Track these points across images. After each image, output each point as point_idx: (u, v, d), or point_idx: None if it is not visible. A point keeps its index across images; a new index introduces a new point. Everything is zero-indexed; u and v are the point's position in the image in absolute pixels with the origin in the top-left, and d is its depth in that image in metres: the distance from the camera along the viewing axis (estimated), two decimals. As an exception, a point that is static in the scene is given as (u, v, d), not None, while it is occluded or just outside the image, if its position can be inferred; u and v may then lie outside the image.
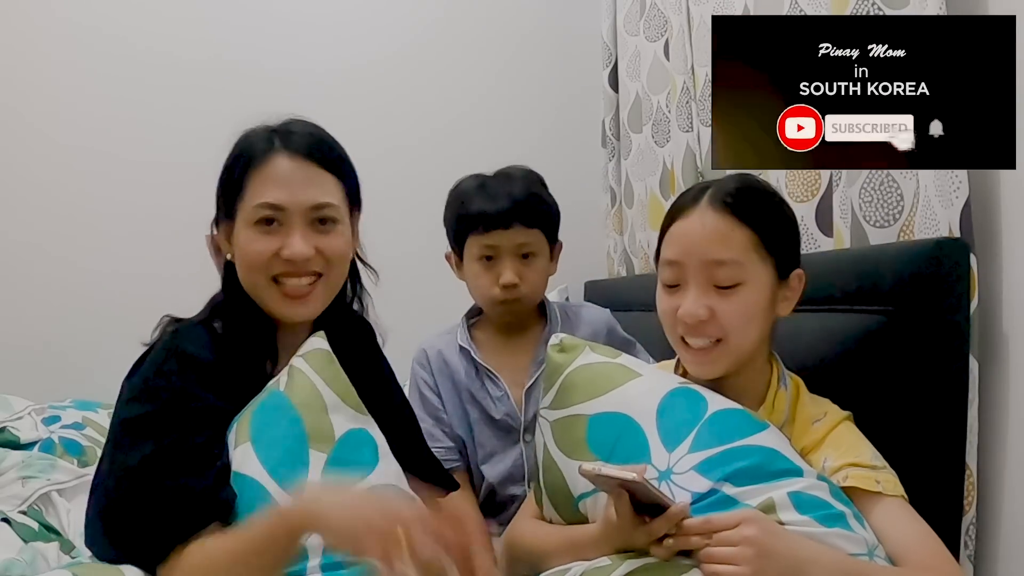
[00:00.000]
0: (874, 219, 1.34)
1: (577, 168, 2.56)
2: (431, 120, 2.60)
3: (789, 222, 1.14)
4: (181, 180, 2.42)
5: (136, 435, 1.05)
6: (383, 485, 1.10)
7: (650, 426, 1.05)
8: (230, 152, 1.21)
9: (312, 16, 2.56)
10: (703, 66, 1.91)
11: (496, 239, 1.57)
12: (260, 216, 1.16)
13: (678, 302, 1.10)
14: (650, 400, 1.08)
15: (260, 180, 1.17)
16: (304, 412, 1.09)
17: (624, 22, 2.37)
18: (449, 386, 1.65)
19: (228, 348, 1.15)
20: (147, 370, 1.11)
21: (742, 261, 1.07)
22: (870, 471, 1.02)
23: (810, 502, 0.96)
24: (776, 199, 1.15)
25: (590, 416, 1.10)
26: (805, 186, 1.55)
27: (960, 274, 1.14)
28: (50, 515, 1.56)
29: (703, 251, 1.08)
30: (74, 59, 2.45)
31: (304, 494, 0.99)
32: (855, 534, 0.95)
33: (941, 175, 1.18)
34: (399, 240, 2.41)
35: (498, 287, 1.58)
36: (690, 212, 1.11)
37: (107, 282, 2.38)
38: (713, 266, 1.07)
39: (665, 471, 1.01)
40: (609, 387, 1.11)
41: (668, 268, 1.12)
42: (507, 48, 2.65)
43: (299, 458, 1.06)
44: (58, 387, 2.20)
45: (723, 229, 1.08)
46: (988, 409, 1.19)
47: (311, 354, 1.16)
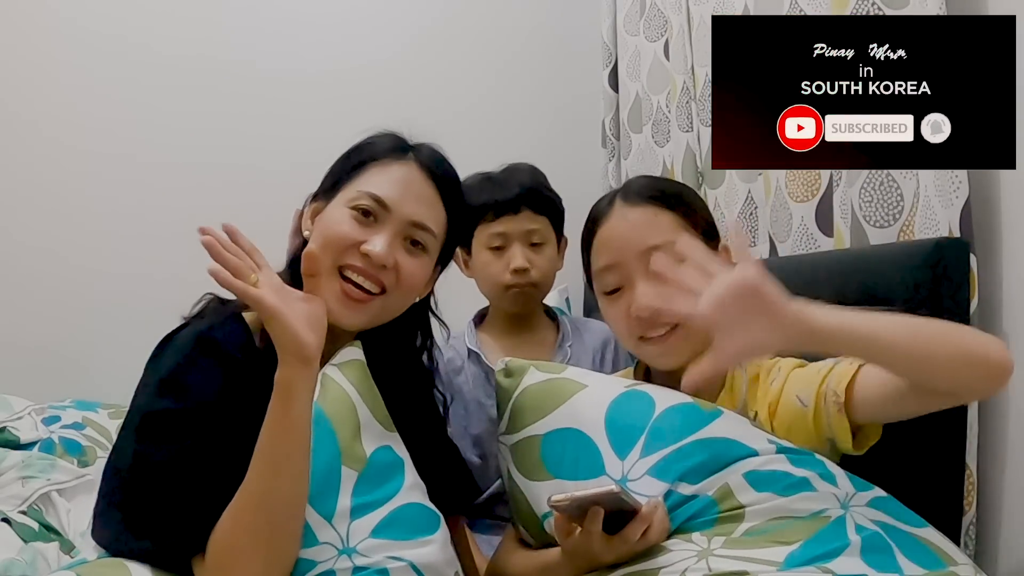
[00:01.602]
0: (874, 219, 1.34)
1: (577, 168, 2.55)
2: (430, 120, 2.55)
3: (701, 200, 1.22)
4: (182, 180, 2.43)
5: (163, 430, 1.01)
6: (411, 504, 1.09)
7: (600, 436, 1.06)
8: (361, 140, 1.21)
9: (312, 16, 2.56)
10: (703, 66, 1.91)
11: (506, 225, 1.59)
12: (361, 204, 1.12)
13: (626, 303, 1.12)
14: (597, 410, 1.09)
15: (378, 173, 1.16)
16: (338, 426, 1.08)
17: (624, 22, 2.37)
18: (457, 403, 1.63)
19: (263, 346, 1.10)
20: (176, 359, 1.06)
21: (675, 240, 1.07)
22: (834, 364, 1.01)
23: (767, 477, 0.96)
24: (683, 184, 1.24)
25: (542, 435, 1.11)
26: (805, 186, 1.55)
27: (960, 274, 1.14)
28: (50, 515, 1.56)
29: (635, 243, 1.11)
30: (75, 59, 2.45)
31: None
32: (820, 492, 0.95)
33: (941, 175, 1.18)
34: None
35: (509, 273, 1.58)
36: (608, 216, 1.15)
37: (107, 282, 2.38)
38: (649, 254, 1.09)
39: (620, 479, 1.02)
40: (557, 403, 1.12)
41: (606, 274, 1.15)
42: (507, 48, 2.65)
43: (332, 475, 1.05)
44: (58, 387, 2.19)
45: (647, 216, 1.13)
46: (988, 409, 1.19)
47: (346, 364, 1.13)
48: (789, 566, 0.88)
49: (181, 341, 1.09)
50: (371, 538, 1.03)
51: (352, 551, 1.02)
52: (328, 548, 1.02)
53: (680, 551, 0.95)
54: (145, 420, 1.03)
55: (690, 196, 1.20)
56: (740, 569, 0.89)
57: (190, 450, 1.00)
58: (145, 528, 1.00)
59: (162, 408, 1.03)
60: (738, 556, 0.91)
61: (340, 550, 1.02)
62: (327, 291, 1.10)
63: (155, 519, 1.00)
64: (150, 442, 1.02)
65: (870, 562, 0.88)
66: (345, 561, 1.01)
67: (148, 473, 1.00)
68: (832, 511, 0.93)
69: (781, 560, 0.89)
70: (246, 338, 1.11)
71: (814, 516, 0.93)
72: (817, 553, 0.89)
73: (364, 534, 1.03)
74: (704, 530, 0.96)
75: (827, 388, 1.00)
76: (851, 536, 0.90)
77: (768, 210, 1.66)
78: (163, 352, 1.09)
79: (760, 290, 0.84)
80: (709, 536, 0.95)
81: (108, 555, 1.02)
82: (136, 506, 1.01)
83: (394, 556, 1.03)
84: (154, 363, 1.09)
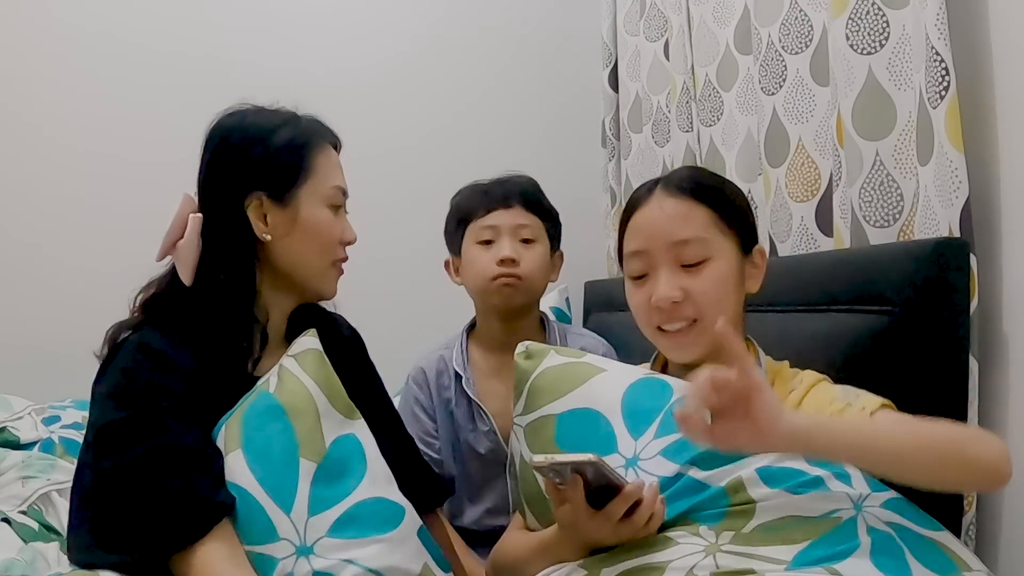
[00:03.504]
0: (874, 219, 1.33)
1: (577, 168, 2.56)
2: (430, 120, 2.59)
3: (743, 199, 1.20)
4: (182, 181, 2.41)
5: (120, 439, 1.02)
6: (371, 499, 1.08)
7: (615, 416, 1.06)
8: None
9: (313, 17, 2.56)
10: (703, 66, 1.91)
11: (496, 219, 1.58)
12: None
13: (649, 291, 1.12)
14: (614, 391, 1.09)
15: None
16: (295, 418, 1.08)
17: (624, 22, 2.37)
18: (444, 411, 1.64)
19: (202, 346, 1.13)
20: (115, 372, 1.09)
21: (706, 237, 1.11)
22: (848, 410, 1.01)
23: (780, 474, 0.96)
24: (727, 181, 1.20)
25: (558, 415, 1.11)
26: (805, 186, 1.55)
27: (960, 274, 1.14)
28: (50, 515, 1.54)
29: (667, 234, 1.11)
30: (74, 60, 2.44)
31: None
32: (833, 492, 0.94)
33: (941, 175, 1.18)
34: (398, 240, 2.42)
35: (496, 263, 1.57)
36: (647, 202, 1.15)
37: (108, 282, 2.32)
38: (679, 246, 1.10)
39: (632, 458, 1.02)
40: (575, 384, 1.12)
41: (634, 259, 1.15)
42: (506, 48, 2.65)
43: (290, 468, 1.05)
44: (58, 387, 2.17)
45: (682, 210, 1.12)
46: (988, 409, 1.19)
47: (303, 355, 1.14)
48: (797, 565, 0.88)
49: (118, 359, 1.11)
50: (328, 537, 1.03)
51: (310, 551, 1.02)
52: (286, 545, 1.02)
53: (687, 544, 0.94)
54: (101, 433, 1.05)
55: (732, 192, 1.19)
56: (747, 567, 0.89)
57: (158, 449, 1.01)
58: (117, 540, 1.01)
59: (117, 417, 1.04)
60: (746, 553, 0.91)
61: (298, 548, 1.02)
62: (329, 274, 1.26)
63: (127, 527, 1.00)
64: (112, 451, 1.03)
65: (880, 564, 0.87)
66: (304, 564, 1.01)
67: (113, 484, 1.01)
68: (844, 511, 0.92)
69: (789, 559, 0.89)
70: (179, 338, 1.13)
71: (825, 516, 0.92)
72: (826, 553, 0.88)
73: (321, 532, 1.03)
74: (712, 524, 0.96)
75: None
76: (862, 537, 0.89)
77: (768, 210, 1.66)
78: (105, 373, 1.12)
79: (751, 404, 0.83)
80: (717, 531, 0.94)
81: (79, 568, 1.02)
82: (106, 518, 1.02)
83: (351, 560, 1.03)
84: (98, 385, 1.11)
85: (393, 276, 2.37)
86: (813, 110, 1.53)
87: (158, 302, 1.20)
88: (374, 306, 1.50)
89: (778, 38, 1.58)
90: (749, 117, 1.77)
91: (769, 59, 1.61)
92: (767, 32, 1.61)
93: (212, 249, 1.18)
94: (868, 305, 1.21)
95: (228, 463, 1.05)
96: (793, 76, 1.56)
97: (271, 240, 1.19)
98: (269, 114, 1.24)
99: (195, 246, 1.18)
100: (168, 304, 1.19)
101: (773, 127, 1.62)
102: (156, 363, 1.08)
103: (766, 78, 1.62)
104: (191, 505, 0.99)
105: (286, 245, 1.20)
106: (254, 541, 1.02)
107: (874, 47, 1.32)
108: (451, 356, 1.66)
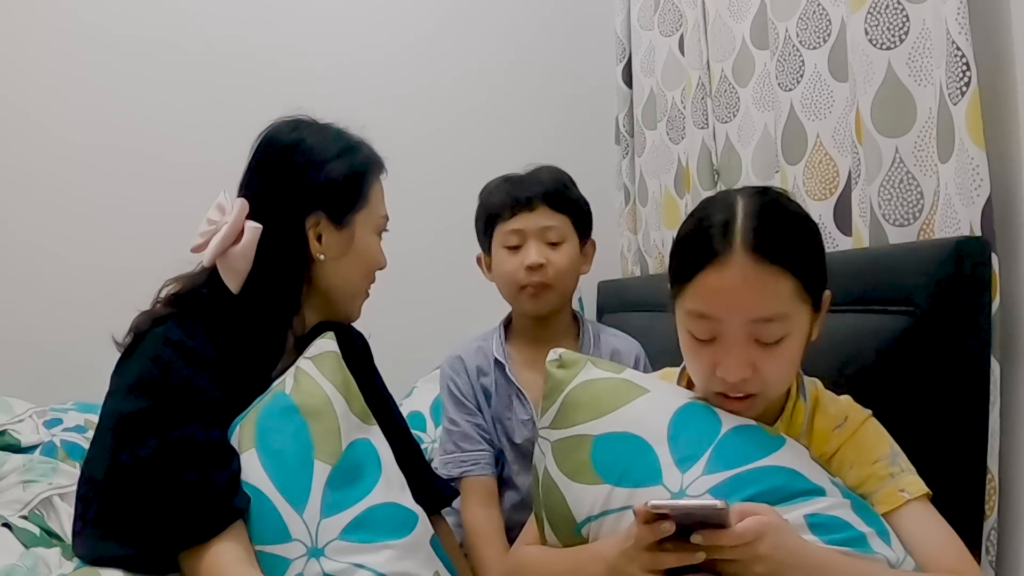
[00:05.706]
0: (893, 218, 1.31)
1: (590, 165, 2.51)
2: (442, 116, 2.58)
3: (820, 248, 1.04)
4: (186, 178, 2.40)
5: (144, 428, 1.02)
6: (385, 504, 1.08)
7: (661, 445, 1.01)
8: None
9: (323, 10, 2.55)
10: (719, 61, 1.89)
11: (521, 222, 1.58)
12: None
13: (714, 358, 1.01)
14: (660, 418, 1.03)
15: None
16: (310, 419, 1.08)
17: (638, 16, 2.35)
18: (483, 397, 1.64)
19: (230, 348, 1.13)
20: (142, 361, 1.08)
21: (788, 313, 0.98)
22: (890, 481, 1.00)
23: (828, 524, 0.93)
24: (806, 224, 1.05)
25: (595, 436, 1.05)
26: (823, 184, 1.53)
27: (981, 274, 1.12)
28: (52, 520, 1.52)
29: (747, 310, 0.97)
30: (80, 55, 2.44)
31: None
32: (876, 553, 0.93)
33: (962, 172, 1.16)
34: (413, 236, 2.40)
35: (523, 270, 1.57)
36: (724, 262, 0.97)
37: (110, 283, 2.34)
38: (758, 324, 0.98)
39: (678, 492, 0.97)
40: (616, 405, 1.06)
41: (701, 322, 1.00)
42: (519, 43, 2.63)
43: (304, 469, 1.05)
44: (60, 389, 2.16)
45: (766, 283, 0.96)
46: (1010, 411, 1.17)
47: (321, 357, 1.14)
48: None
49: (144, 346, 1.10)
50: (340, 539, 1.03)
51: (321, 553, 1.02)
52: (298, 546, 1.01)
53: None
54: (123, 423, 1.05)
55: (818, 246, 1.04)
56: None
57: (180, 442, 1.01)
58: (129, 533, 1.00)
59: (140, 407, 1.04)
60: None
61: (309, 549, 1.01)
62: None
63: (141, 519, 1.00)
64: (131, 442, 1.03)
65: None
66: (314, 566, 1.00)
67: (131, 475, 1.01)
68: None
69: None
70: (207, 333, 1.13)
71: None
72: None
73: (333, 534, 1.03)
74: None
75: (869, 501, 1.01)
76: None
77: (784, 208, 1.63)
78: (125, 363, 1.11)
79: (757, 551, 0.86)
80: None
81: (84, 565, 1.02)
82: (120, 510, 1.02)
83: (362, 564, 1.02)
84: (121, 375, 1.11)
85: (403, 273, 2.36)
86: (831, 106, 1.51)
87: (191, 299, 1.19)
88: (389, 304, 1.49)
89: (795, 32, 1.56)
90: (766, 113, 1.75)
91: (786, 54, 1.59)
92: (784, 26, 1.59)
93: (265, 260, 1.18)
94: (888, 305, 1.20)
95: (242, 462, 1.06)
96: (811, 71, 1.54)
97: (323, 260, 1.22)
98: (329, 133, 1.26)
99: (251, 255, 1.17)
100: (203, 303, 1.18)
101: (790, 124, 1.60)
102: (187, 357, 1.08)
103: (783, 73, 1.60)
104: (208, 501, 0.99)
105: (335, 267, 1.24)
106: (266, 541, 1.02)
107: (893, 42, 1.29)
108: (490, 347, 1.67)
